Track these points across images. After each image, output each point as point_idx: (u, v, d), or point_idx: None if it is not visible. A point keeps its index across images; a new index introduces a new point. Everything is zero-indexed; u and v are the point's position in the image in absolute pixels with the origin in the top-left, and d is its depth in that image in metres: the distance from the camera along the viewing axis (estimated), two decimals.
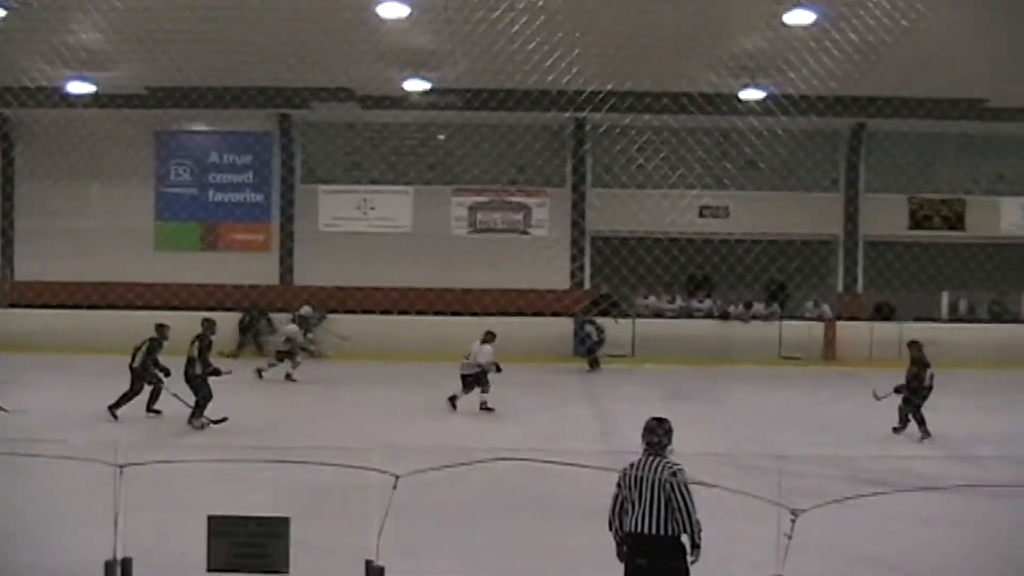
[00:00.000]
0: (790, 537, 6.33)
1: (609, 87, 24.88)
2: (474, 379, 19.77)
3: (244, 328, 29.39)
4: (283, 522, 6.35)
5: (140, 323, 28.94)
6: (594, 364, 27.09)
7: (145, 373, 18.36)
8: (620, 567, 8.72)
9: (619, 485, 7.39)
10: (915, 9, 19.23)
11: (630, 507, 7.25)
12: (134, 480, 6.53)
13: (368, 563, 6.24)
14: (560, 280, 31.10)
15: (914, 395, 17.67)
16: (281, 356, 24.25)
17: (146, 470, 6.83)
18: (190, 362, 17.63)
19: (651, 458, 7.37)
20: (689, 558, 7.11)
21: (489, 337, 20.36)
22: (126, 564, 6.49)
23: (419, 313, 28.59)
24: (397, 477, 6.25)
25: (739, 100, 27.43)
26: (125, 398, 18.06)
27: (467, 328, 28.30)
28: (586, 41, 22.88)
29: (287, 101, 29.82)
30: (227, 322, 29.05)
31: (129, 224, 31.83)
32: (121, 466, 6.56)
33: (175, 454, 8.28)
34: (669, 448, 7.51)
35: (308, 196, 32.25)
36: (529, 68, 24.56)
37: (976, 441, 17.17)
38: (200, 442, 15.73)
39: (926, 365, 17.94)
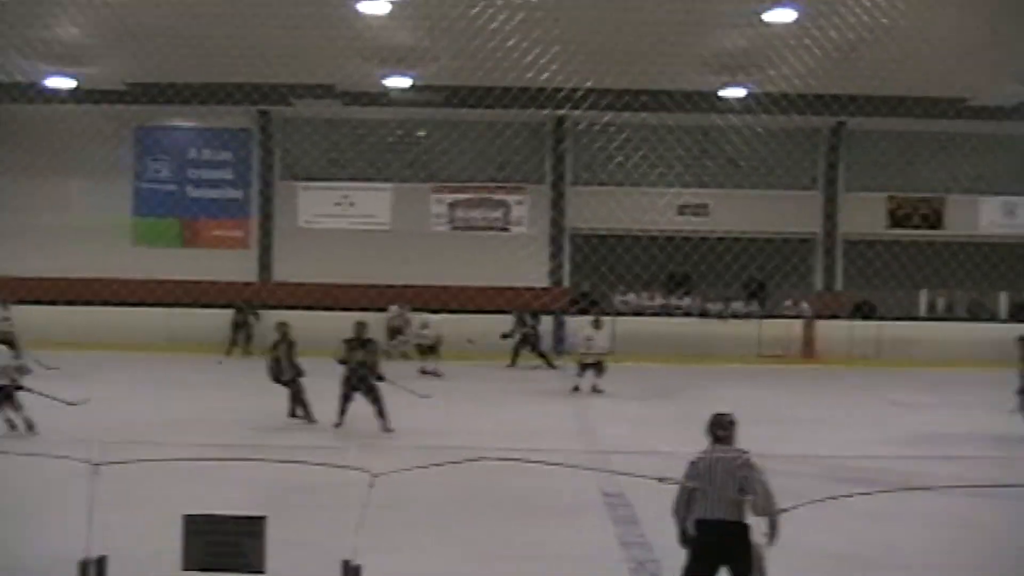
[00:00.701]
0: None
1: (589, 85, 24.87)
2: (596, 365, 21.71)
3: (237, 326, 29.39)
4: (259, 521, 6.33)
5: (118, 319, 29.20)
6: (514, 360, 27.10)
7: (284, 375, 17.46)
8: (591, 563, 8.74)
9: (688, 475, 7.59)
10: (895, 7, 19.26)
11: (701, 496, 7.44)
12: (112, 478, 6.50)
13: (345, 563, 6.21)
14: (539, 277, 31.05)
15: None
16: (424, 350, 25.40)
17: (124, 468, 6.79)
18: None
19: (720, 448, 7.66)
20: (764, 540, 7.26)
21: (602, 323, 22.32)
22: (101, 563, 6.45)
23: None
24: (375, 476, 6.22)
25: (719, 98, 27.47)
26: (297, 403, 17.53)
27: (445, 325, 28.34)
28: (567, 38, 22.84)
29: (267, 97, 29.68)
30: (213, 319, 29.11)
31: (107, 220, 31.74)
32: (97, 464, 6.52)
33: (155, 452, 8.34)
34: (735, 440, 7.77)
35: (287, 192, 32.18)
36: (509, 65, 24.51)
37: (953, 439, 17.19)
38: (187, 440, 15.57)
39: None
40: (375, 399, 16.61)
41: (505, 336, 26.88)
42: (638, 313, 30.61)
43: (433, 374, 24.73)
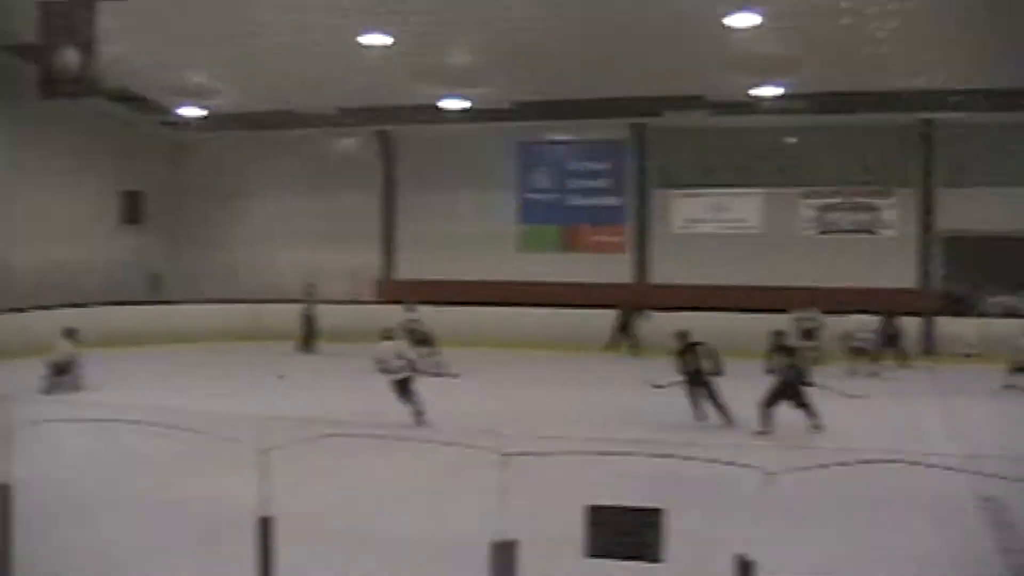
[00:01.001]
0: None
1: (965, 87, 24.45)
2: None
3: (622, 327, 30.14)
4: (658, 512, 6.69)
5: (502, 320, 31.14)
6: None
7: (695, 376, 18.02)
8: (968, 567, 9.13)
9: None
10: None
11: None
12: (513, 467, 7.11)
13: (739, 557, 6.60)
14: (906, 279, 30.66)
15: None
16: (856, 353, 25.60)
17: (524, 457, 7.36)
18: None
19: None
20: None
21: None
22: (511, 546, 7.03)
23: (770, 311, 28.29)
24: (770, 474, 6.64)
25: None
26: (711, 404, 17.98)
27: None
28: (940, 40, 22.63)
29: (641, 110, 30.89)
30: (590, 319, 30.78)
31: (494, 228, 34.19)
32: (504, 454, 7.14)
33: (553, 444, 9.20)
34: None
35: (661, 199, 33.14)
36: (880, 70, 24.54)
37: None
38: (580, 433, 16.56)
39: None
40: (803, 403, 17.08)
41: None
42: (1012, 315, 29.44)
43: (874, 375, 24.76)
